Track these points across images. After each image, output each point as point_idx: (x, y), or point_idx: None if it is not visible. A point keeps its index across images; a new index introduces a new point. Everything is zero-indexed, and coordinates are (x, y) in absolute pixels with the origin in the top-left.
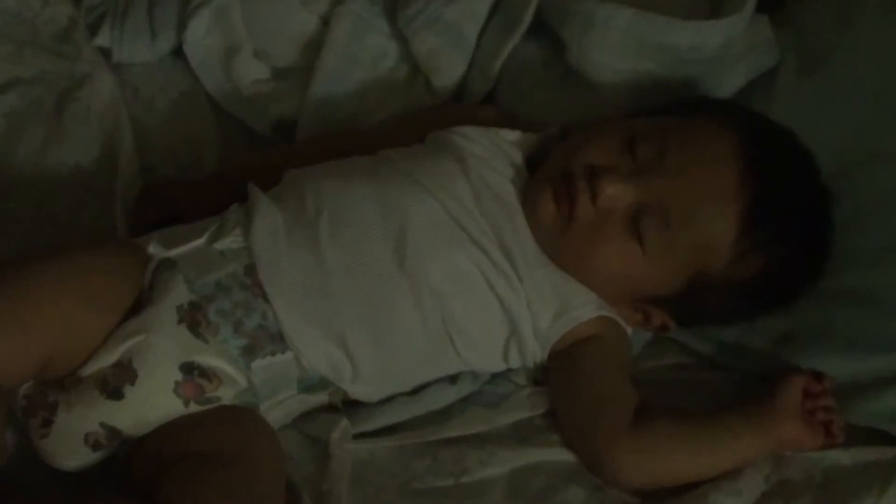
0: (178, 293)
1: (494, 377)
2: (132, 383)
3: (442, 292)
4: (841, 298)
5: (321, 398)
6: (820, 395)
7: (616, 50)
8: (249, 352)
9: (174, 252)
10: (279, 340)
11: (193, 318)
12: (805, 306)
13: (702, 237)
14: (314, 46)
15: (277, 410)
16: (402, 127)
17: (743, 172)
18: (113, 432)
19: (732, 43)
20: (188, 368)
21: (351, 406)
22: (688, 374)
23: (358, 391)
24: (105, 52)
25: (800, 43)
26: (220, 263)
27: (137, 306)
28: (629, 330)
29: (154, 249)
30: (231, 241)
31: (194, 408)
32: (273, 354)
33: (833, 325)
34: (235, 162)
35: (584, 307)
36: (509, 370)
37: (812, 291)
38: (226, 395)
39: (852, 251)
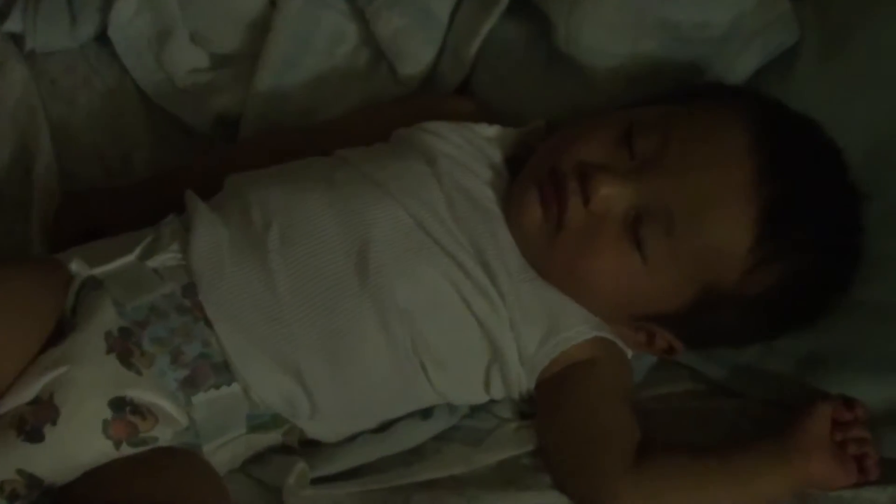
0: (106, 318)
1: (474, 410)
2: (54, 423)
3: (412, 313)
4: (874, 313)
5: (274, 438)
6: (851, 425)
7: (610, 29)
8: (190, 385)
9: (100, 270)
10: (224, 371)
11: (124, 347)
12: (832, 323)
13: (711, 245)
14: (260, 29)
15: (223, 452)
16: (362, 123)
17: (758, 170)
18: (32, 480)
19: (744, 19)
20: (119, 405)
21: (308, 446)
22: (698, 403)
23: (316, 429)
24: (17, 39)
25: (822, 18)
26: (154, 283)
27: (59, 333)
28: (629, 353)
29: (77, 267)
30: (167, 258)
31: (126, 450)
32: (217, 387)
33: (865, 344)
34: (170, 165)
35: (577, 327)
36: (492, 402)
37: (840, 306)
38: (163, 436)
39: (886, 259)
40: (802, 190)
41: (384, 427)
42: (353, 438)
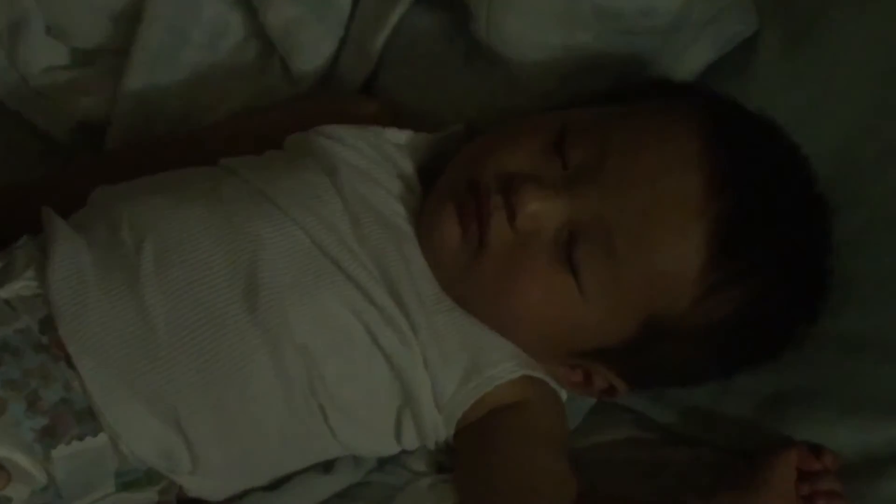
0: None
1: (383, 463)
2: None
3: (310, 350)
4: (846, 345)
5: (148, 497)
6: (820, 476)
7: (539, 17)
8: (49, 435)
9: None
10: (89, 419)
11: None
12: (798, 358)
13: (657, 269)
14: (129, 20)
15: None
16: (250, 128)
17: (710, 181)
18: None
19: (693, 6)
20: None
21: None
22: (644, 453)
23: (198, 486)
24: None
25: (785, 6)
26: (5, 317)
27: None
28: (564, 394)
29: None
30: (20, 287)
31: None
32: (81, 439)
33: (836, 382)
34: (22, 180)
35: (503, 364)
36: (403, 453)
37: (807, 337)
38: (18, 496)
39: (859, 282)
40: (761, 203)
41: (278, 483)
42: (241, 496)
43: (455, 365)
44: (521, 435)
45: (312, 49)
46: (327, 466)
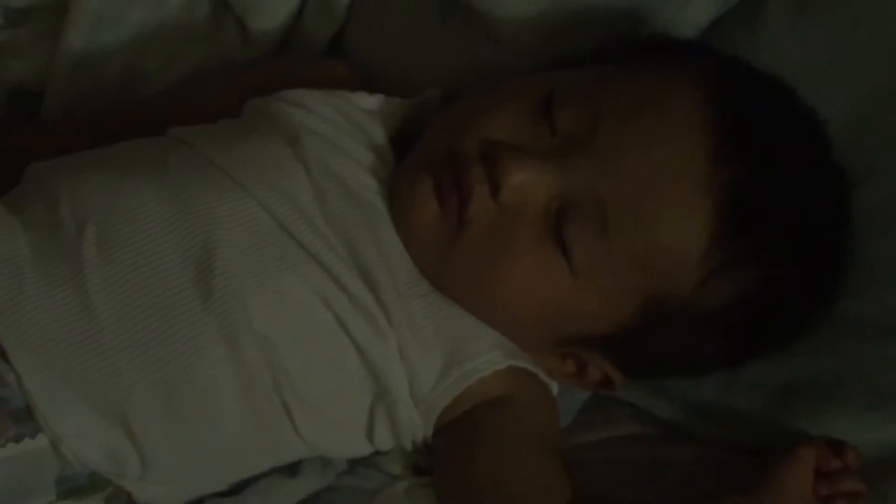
0: None
1: (355, 465)
2: None
3: (271, 341)
4: (866, 331)
5: None
6: (840, 475)
7: None
8: None
9: None
10: (26, 420)
11: None
12: (814, 345)
13: (657, 247)
14: None
15: None
16: (204, 93)
17: (716, 149)
18: None
19: None
20: None
21: None
22: (644, 451)
23: (149, 492)
24: None
25: None
26: None
27: None
28: (555, 387)
29: None
30: None
31: None
32: (18, 441)
33: (856, 371)
34: None
35: (486, 355)
36: (377, 454)
37: (823, 322)
38: None
39: (880, 261)
40: (773, 174)
41: (238, 488)
42: (197, 503)
43: (433, 355)
44: (507, 433)
45: (271, 6)
46: (292, 469)
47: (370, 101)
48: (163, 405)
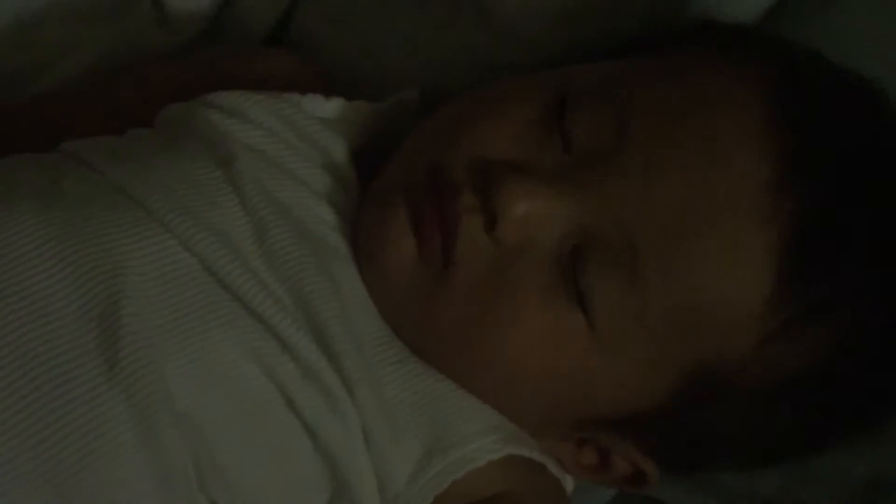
0: None
1: None
2: None
3: (195, 421)
4: None
5: None
6: None
7: None
8: None
9: None
10: None
11: None
12: None
13: (703, 298)
14: None
15: None
16: (108, 95)
17: (781, 169)
18: None
19: None
20: None
21: None
22: None
23: None
24: None
25: None
26: None
27: None
28: (569, 483)
29: None
30: None
31: None
32: None
33: None
34: None
35: (479, 441)
36: None
37: None
38: None
39: None
40: (855, 203)
41: None
42: None
43: (409, 441)
44: None
45: None
46: None
47: (327, 107)
48: (55, 500)
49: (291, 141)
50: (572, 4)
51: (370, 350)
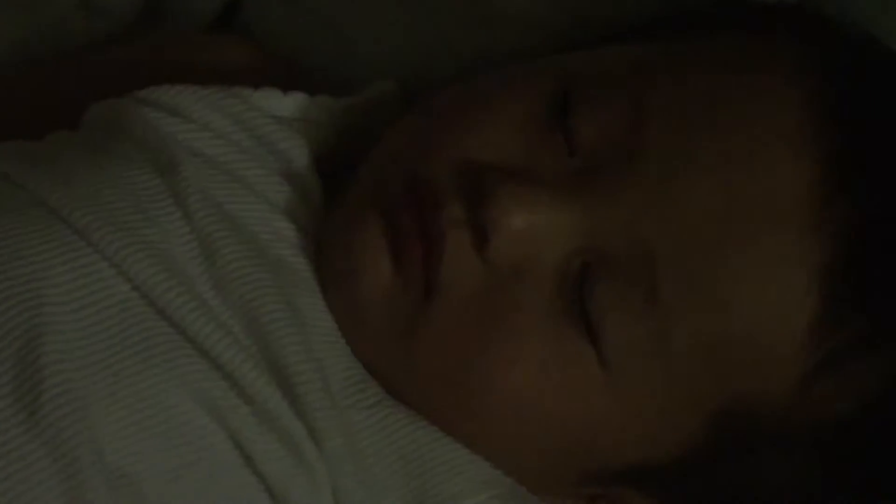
0: None
1: None
2: None
3: (130, 478)
4: None
5: None
6: None
7: None
8: None
9: None
10: None
11: None
12: None
13: (734, 328)
14: None
15: None
16: (26, 91)
17: (826, 175)
18: None
19: None
20: None
21: None
22: None
23: None
24: None
25: None
26: None
27: None
28: None
29: None
30: None
31: None
32: None
33: None
34: None
35: (470, 498)
36: None
37: None
38: None
39: None
40: None
41: None
42: None
43: (388, 501)
44: None
45: None
46: None
47: (285, 103)
48: None
49: (243, 144)
50: None
51: (340, 392)
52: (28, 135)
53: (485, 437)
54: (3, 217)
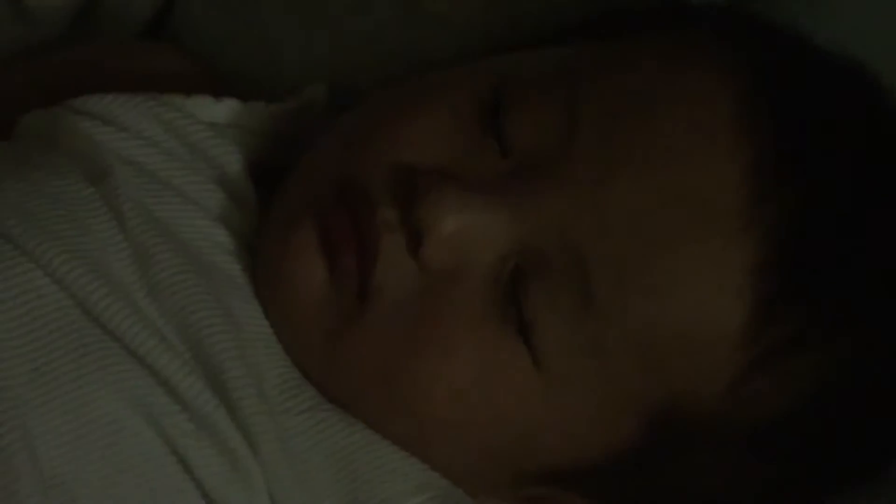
0: None
1: None
2: None
3: (66, 487)
4: None
5: None
6: None
7: None
8: None
9: None
10: None
11: None
12: None
13: (667, 326)
14: None
15: None
16: None
17: (757, 171)
18: None
19: None
20: None
21: None
22: None
23: None
24: None
25: None
26: None
27: None
28: None
29: None
30: None
31: None
32: None
33: None
34: None
35: (405, 501)
36: None
37: None
38: None
39: None
40: (853, 206)
41: None
42: None
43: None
44: None
45: None
46: None
47: (218, 110)
48: None
49: (177, 151)
50: None
51: (275, 396)
52: None
53: (421, 440)
54: None
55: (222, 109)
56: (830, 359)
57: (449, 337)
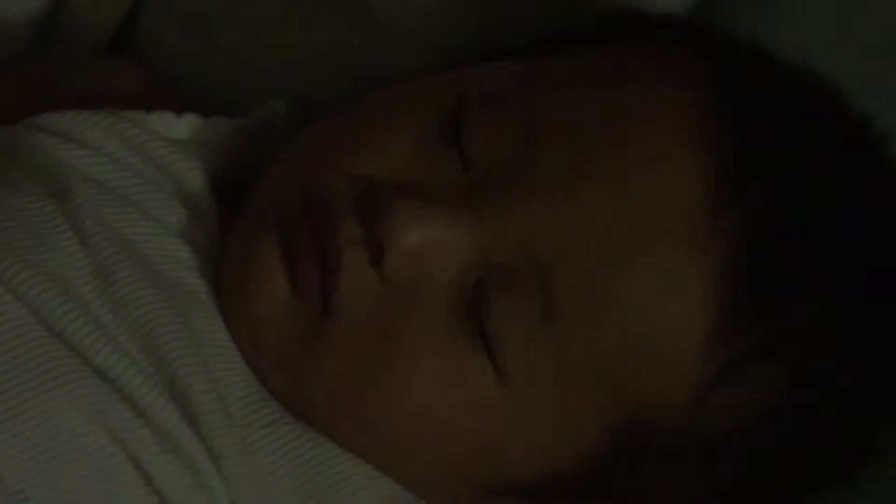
0: None
1: None
2: None
3: (32, 500)
4: None
5: None
6: None
7: None
8: None
9: None
10: None
11: None
12: (879, 485)
13: (630, 339)
14: None
15: None
16: None
17: (718, 183)
18: None
19: None
20: None
21: None
22: None
23: None
24: None
25: None
26: None
27: None
28: None
29: None
30: None
31: None
32: None
33: None
34: None
35: None
36: None
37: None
38: None
39: None
40: (812, 216)
41: None
42: None
43: None
44: None
45: None
46: None
47: (179, 126)
48: None
49: (137, 167)
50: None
51: (238, 411)
52: None
53: (384, 453)
54: None
55: (183, 125)
56: (795, 367)
57: (412, 350)
